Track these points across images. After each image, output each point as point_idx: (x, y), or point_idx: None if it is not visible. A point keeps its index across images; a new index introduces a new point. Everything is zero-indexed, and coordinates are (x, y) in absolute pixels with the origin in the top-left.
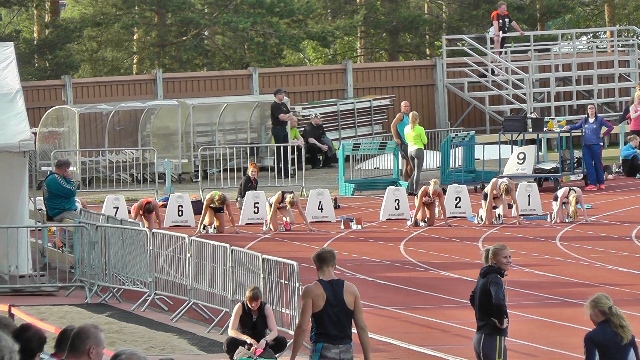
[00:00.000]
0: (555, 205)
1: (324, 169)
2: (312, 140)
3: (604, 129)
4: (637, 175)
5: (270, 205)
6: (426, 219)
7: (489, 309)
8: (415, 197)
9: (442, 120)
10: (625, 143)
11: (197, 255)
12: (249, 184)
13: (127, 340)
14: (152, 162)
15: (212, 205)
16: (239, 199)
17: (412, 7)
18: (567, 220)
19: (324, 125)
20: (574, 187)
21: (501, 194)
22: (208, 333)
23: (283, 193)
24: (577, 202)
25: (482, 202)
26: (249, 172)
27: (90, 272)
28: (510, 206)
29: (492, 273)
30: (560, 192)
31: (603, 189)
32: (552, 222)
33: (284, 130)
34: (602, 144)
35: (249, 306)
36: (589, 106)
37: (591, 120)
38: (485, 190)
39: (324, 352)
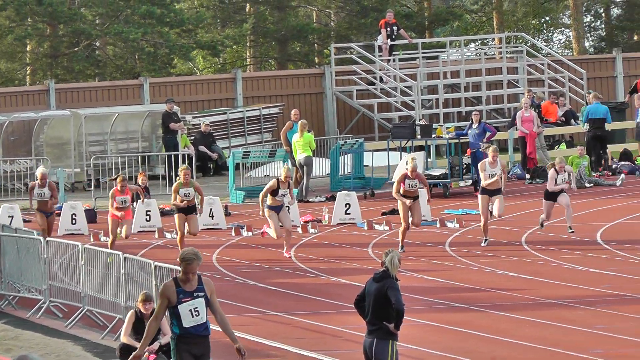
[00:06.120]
0: None
1: (214, 177)
2: (202, 148)
3: (488, 135)
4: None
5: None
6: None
7: (384, 313)
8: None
9: (331, 127)
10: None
11: (90, 262)
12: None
13: (24, 347)
14: None
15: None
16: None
17: (301, 16)
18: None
19: (214, 134)
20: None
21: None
22: (102, 339)
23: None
24: None
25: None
26: (139, 181)
27: None
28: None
29: (388, 278)
30: None
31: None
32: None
33: (175, 139)
34: None
35: (142, 312)
36: (473, 112)
37: (474, 126)
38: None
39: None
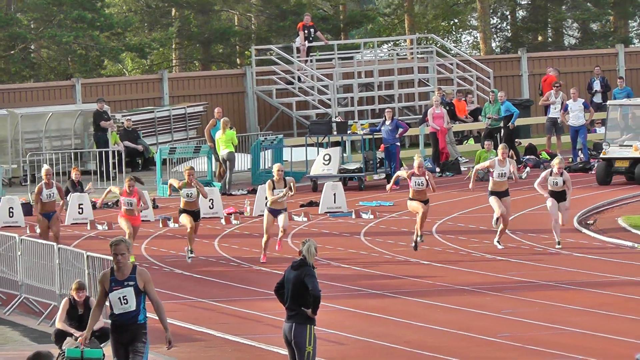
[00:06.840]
0: None
1: (142, 172)
2: (127, 143)
3: (400, 131)
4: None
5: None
6: (420, 236)
7: (302, 299)
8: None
9: (252, 125)
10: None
11: (27, 253)
12: (74, 187)
13: None
14: None
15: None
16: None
17: (223, 20)
18: None
19: (142, 132)
20: None
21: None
22: (38, 325)
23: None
24: None
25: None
26: (73, 176)
27: None
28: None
29: (306, 266)
30: None
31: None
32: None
33: (105, 136)
34: (398, 144)
35: (75, 299)
36: (386, 110)
37: (387, 122)
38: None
39: None
